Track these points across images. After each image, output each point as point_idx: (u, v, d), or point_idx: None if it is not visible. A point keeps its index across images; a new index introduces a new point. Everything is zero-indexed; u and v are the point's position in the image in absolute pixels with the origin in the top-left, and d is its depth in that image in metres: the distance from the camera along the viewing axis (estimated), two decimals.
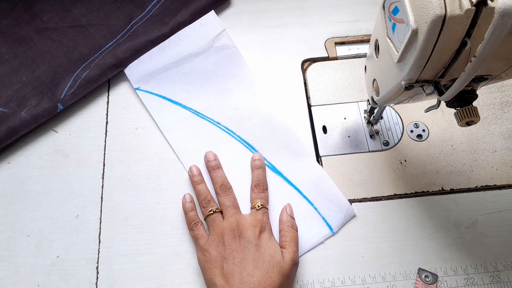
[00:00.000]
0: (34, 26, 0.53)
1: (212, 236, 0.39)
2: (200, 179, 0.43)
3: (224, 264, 0.36)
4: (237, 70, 0.50)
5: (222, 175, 0.43)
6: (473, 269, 0.39)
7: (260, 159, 0.44)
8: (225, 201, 0.41)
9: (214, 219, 0.40)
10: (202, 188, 0.42)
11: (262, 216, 0.39)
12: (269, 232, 0.39)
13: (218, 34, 0.50)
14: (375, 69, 0.35)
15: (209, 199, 0.41)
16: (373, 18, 0.34)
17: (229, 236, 0.38)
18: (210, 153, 0.45)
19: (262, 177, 0.43)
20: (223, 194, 0.41)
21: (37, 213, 0.43)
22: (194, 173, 0.44)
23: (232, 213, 0.40)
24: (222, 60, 0.50)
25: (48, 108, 0.47)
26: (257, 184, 0.42)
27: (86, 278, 0.40)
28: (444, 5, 0.22)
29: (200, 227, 0.40)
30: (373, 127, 0.46)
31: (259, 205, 0.40)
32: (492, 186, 0.44)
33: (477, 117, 0.29)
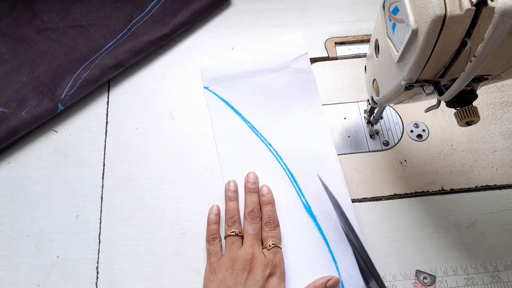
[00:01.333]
0: (34, 26, 0.53)
1: (225, 259, 0.38)
2: (234, 196, 0.42)
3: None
4: (306, 96, 0.48)
5: (256, 200, 0.42)
6: (473, 269, 0.39)
7: (269, 193, 0.42)
8: (249, 229, 0.39)
9: (233, 242, 0.39)
10: (233, 206, 0.42)
11: (274, 257, 0.38)
12: (279, 277, 0.37)
13: (299, 56, 0.49)
14: (375, 69, 0.35)
15: (235, 220, 0.41)
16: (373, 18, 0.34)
17: (240, 266, 0.37)
18: (252, 174, 0.43)
19: (272, 213, 0.41)
20: (250, 221, 0.40)
21: (37, 213, 0.43)
22: (230, 188, 0.43)
23: (251, 243, 0.38)
24: (295, 82, 0.48)
25: (48, 108, 0.47)
26: (267, 221, 0.40)
27: (86, 278, 0.40)
28: (444, 5, 0.22)
29: (217, 243, 0.40)
30: (373, 127, 0.46)
31: (271, 244, 0.38)
32: (492, 186, 0.44)
33: (477, 117, 0.29)
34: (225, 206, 0.42)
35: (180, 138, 0.47)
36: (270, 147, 0.46)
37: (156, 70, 0.52)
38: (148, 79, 0.51)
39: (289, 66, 0.49)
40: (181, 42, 0.54)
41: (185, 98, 0.50)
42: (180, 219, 0.43)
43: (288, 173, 0.44)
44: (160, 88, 0.50)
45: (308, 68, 0.49)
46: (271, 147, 0.46)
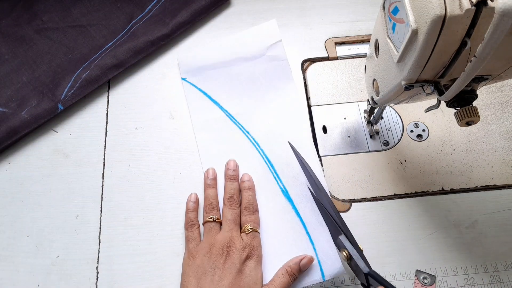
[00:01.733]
0: (34, 26, 0.53)
1: (203, 244, 0.39)
2: (213, 183, 0.43)
3: (202, 277, 0.36)
4: (282, 83, 0.49)
5: (236, 187, 0.42)
6: (473, 269, 0.39)
7: (249, 180, 0.43)
8: (228, 214, 0.40)
9: (211, 228, 0.39)
10: (211, 193, 0.42)
11: (251, 240, 0.38)
12: (256, 260, 0.38)
13: (274, 43, 0.50)
14: (375, 69, 0.35)
15: (213, 206, 0.41)
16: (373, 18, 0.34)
17: (218, 250, 0.37)
18: (232, 162, 0.44)
19: (251, 198, 0.42)
20: (229, 206, 0.41)
21: (37, 213, 0.43)
22: (209, 176, 0.43)
23: (229, 228, 0.39)
24: (271, 70, 0.49)
25: (48, 108, 0.47)
26: (247, 206, 0.41)
27: (86, 278, 0.40)
28: (444, 5, 0.22)
29: (195, 230, 0.40)
30: (373, 127, 0.46)
31: (249, 228, 0.39)
32: (492, 186, 0.44)
33: (477, 117, 0.29)
34: (204, 194, 0.43)
35: (180, 138, 0.47)
36: (248, 135, 0.47)
37: (156, 70, 0.52)
38: (148, 79, 0.51)
39: (264, 54, 0.50)
40: (181, 42, 0.54)
41: (185, 98, 0.50)
42: (180, 219, 0.43)
43: (266, 160, 0.45)
44: (160, 88, 0.50)
45: (283, 55, 0.49)
46: (249, 135, 0.47)
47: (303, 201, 0.42)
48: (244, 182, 0.43)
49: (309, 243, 0.40)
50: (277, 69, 0.49)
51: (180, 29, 0.52)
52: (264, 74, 0.49)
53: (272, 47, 0.50)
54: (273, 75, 0.49)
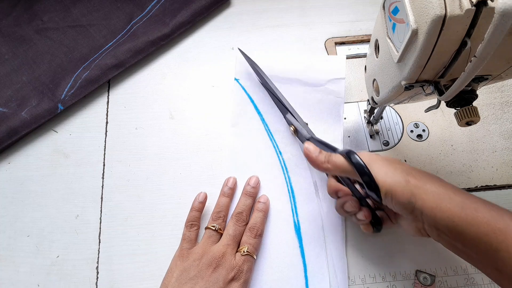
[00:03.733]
0: (34, 26, 0.53)
1: (197, 249, 0.38)
2: (229, 193, 0.42)
3: (183, 281, 0.36)
4: (331, 119, 0.47)
5: (249, 204, 0.41)
6: (473, 269, 0.39)
7: (265, 202, 0.42)
8: (230, 229, 0.39)
9: (210, 236, 0.39)
10: (223, 202, 0.41)
11: (243, 263, 0.37)
12: (242, 284, 0.36)
13: (336, 79, 0.47)
14: (375, 69, 0.35)
15: (221, 216, 0.40)
16: (373, 18, 0.34)
17: (207, 261, 0.36)
18: (254, 178, 0.43)
19: (260, 220, 0.40)
20: (234, 221, 0.40)
21: (37, 213, 0.43)
22: (228, 184, 0.43)
23: (226, 243, 0.38)
24: (325, 102, 0.47)
25: (48, 108, 0.47)
26: (252, 227, 0.40)
27: (86, 278, 0.40)
28: (444, 5, 0.22)
29: (194, 230, 0.40)
30: (373, 127, 0.46)
31: (245, 250, 0.38)
32: (492, 186, 0.44)
33: (477, 117, 0.29)
34: (217, 200, 0.42)
35: (180, 138, 0.47)
36: (280, 156, 0.45)
37: (156, 70, 0.52)
38: (148, 79, 0.51)
39: (323, 85, 0.47)
40: (181, 42, 0.54)
41: (185, 98, 0.50)
42: (180, 219, 0.43)
43: (289, 187, 0.44)
44: (160, 88, 0.50)
45: (341, 93, 0.47)
46: (281, 156, 0.45)
47: (312, 243, 0.41)
48: (260, 203, 0.42)
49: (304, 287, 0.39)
50: (331, 104, 0.47)
51: (180, 29, 0.52)
52: (317, 104, 0.47)
53: (334, 81, 0.47)
54: (325, 108, 0.47)
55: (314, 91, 0.48)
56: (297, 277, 0.39)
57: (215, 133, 0.47)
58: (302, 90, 0.48)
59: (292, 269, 0.39)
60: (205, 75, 0.51)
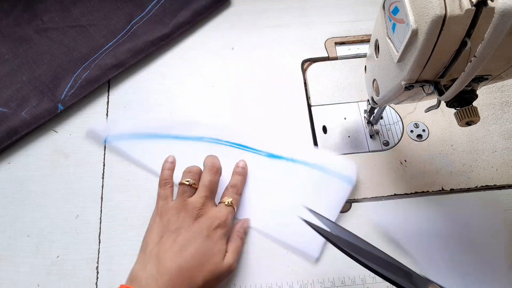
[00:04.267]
0: (34, 26, 0.53)
1: (173, 204, 0.37)
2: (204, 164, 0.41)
3: (164, 235, 0.35)
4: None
5: (217, 161, 0.41)
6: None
7: (244, 167, 0.43)
8: (205, 179, 0.38)
9: (185, 191, 0.38)
10: (194, 167, 0.40)
11: (227, 213, 0.38)
12: (224, 232, 0.37)
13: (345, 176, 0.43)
14: (375, 69, 0.35)
15: (193, 173, 0.39)
16: (373, 18, 0.34)
17: (187, 213, 0.36)
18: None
19: (240, 182, 0.42)
20: (208, 172, 0.39)
21: (37, 213, 0.43)
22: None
23: (204, 194, 0.38)
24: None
25: (48, 108, 0.47)
26: (233, 185, 0.41)
27: (86, 278, 0.40)
28: (444, 5, 0.22)
29: (168, 188, 0.40)
30: (373, 127, 0.46)
31: (229, 202, 0.38)
32: (492, 186, 0.44)
33: (477, 117, 0.29)
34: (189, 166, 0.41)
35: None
36: (202, 140, 0.46)
37: (156, 70, 0.52)
38: (148, 79, 0.51)
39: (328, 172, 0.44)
40: (181, 42, 0.54)
41: (185, 98, 0.50)
42: None
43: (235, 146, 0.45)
44: (160, 88, 0.50)
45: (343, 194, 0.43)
46: (205, 138, 0.46)
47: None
48: (238, 167, 0.43)
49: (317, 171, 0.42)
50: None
51: (180, 29, 0.52)
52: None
53: (341, 177, 0.43)
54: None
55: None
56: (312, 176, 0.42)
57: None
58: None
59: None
60: (205, 75, 0.51)
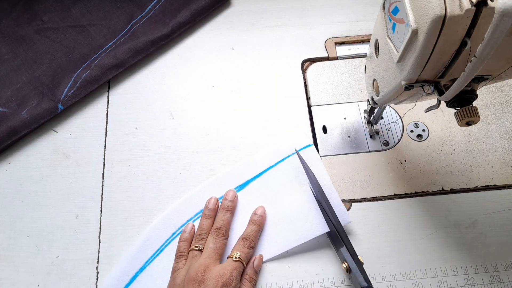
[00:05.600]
0: (34, 26, 0.53)
1: (182, 272, 0.37)
2: (210, 214, 0.41)
3: None
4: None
5: (227, 219, 0.41)
6: (473, 269, 0.39)
7: (262, 215, 0.41)
8: (210, 243, 0.38)
9: (194, 256, 0.38)
10: (205, 224, 0.40)
11: (233, 270, 0.36)
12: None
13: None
14: (375, 69, 0.35)
15: (204, 237, 0.39)
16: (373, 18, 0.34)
17: (190, 279, 0.35)
18: (231, 193, 0.42)
19: (254, 233, 0.40)
20: (214, 236, 0.39)
21: (37, 213, 0.43)
22: (209, 206, 0.42)
23: (206, 256, 0.37)
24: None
25: (48, 108, 0.47)
26: (246, 237, 0.39)
27: (86, 278, 0.40)
28: (444, 5, 0.22)
29: (182, 261, 0.39)
30: (373, 127, 0.46)
31: (237, 257, 0.37)
32: (492, 186, 0.44)
33: (477, 117, 0.29)
34: (199, 222, 0.41)
35: (180, 138, 0.47)
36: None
37: (156, 70, 0.52)
38: (148, 79, 0.51)
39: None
40: (181, 42, 0.54)
41: (185, 98, 0.50)
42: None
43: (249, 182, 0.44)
44: (160, 88, 0.50)
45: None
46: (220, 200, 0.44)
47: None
48: (256, 215, 0.41)
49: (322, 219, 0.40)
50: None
51: (180, 29, 0.52)
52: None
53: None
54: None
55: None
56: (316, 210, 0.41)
57: (215, 133, 0.47)
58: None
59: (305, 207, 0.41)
60: (205, 75, 0.51)
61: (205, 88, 0.50)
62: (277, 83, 0.50)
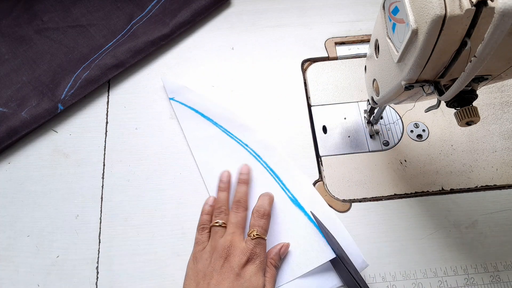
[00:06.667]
0: (34, 26, 0.53)
1: (207, 248, 0.38)
2: (225, 186, 0.42)
3: (200, 281, 0.36)
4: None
5: (244, 191, 0.42)
6: (473, 269, 0.39)
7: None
8: (232, 218, 0.40)
9: (216, 232, 0.39)
10: (221, 197, 0.42)
11: (254, 247, 0.37)
12: (258, 266, 0.37)
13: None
14: (375, 69, 0.35)
15: (222, 210, 0.41)
16: (373, 18, 0.34)
17: (217, 254, 0.37)
18: (245, 167, 0.44)
19: (264, 203, 0.41)
20: (234, 210, 0.40)
21: (37, 213, 0.43)
22: (222, 179, 0.43)
23: (231, 232, 0.38)
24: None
25: (48, 108, 0.47)
26: (257, 209, 0.40)
27: (86, 278, 0.40)
28: (444, 5, 0.22)
29: (205, 233, 0.40)
30: (373, 127, 0.46)
31: (255, 234, 0.38)
32: (492, 186, 0.44)
33: (477, 117, 0.29)
34: (216, 196, 0.43)
35: (180, 138, 0.47)
36: (247, 148, 0.46)
37: (156, 70, 0.52)
38: (148, 79, 0.51)
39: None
40: (181, 42, 0.54)
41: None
42: (180, 219, 0.43)
43: (270, 171, 0.45)
44: (160, 88, 0.50)
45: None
46: (248, 148, 0.46)
47: (311, 206, 0.42)
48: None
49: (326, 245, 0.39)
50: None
51: (180, 29, 0.52)
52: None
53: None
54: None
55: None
56: (317, 239, 0.40)
57: None
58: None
59: (309, 238, 0.40)
60: (205, 75, 0.51)
61: (205, 88, 0.50)
62: (277, 83, 0.50)
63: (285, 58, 0.52)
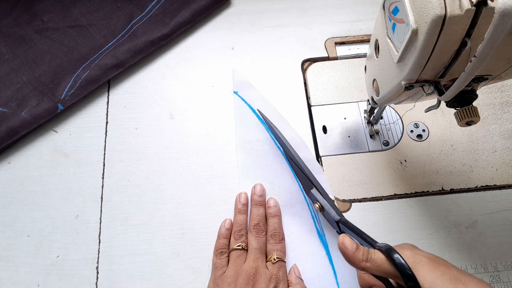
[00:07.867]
0: (34, 26, 0.53)
1: (229, 272, 0.38)
2: (243, 209, 0.42)
3: None
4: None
5: (262, 214, 0.41)
6: (473, 269, 0.39)
7: (275, 206, 0.42)
8: (254, 243, 0.39)
9: (238, 256, 0.39)
10: (241, 219, 0.41)
11: (278, 271, 0.38)
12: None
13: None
14: (375, 69, 0.35)
15: (242, 234, 0.40)
16: (373, 18, 0.34)
17: (243, 281, 0.36)
18: (259, 187, 0.43)
19: (277, 226, 0.41)
20: (255, 234, 0.40)
21: (37, 213, 0.43)
22: (241, 201, 0.42)
23: (255, 257, 0.38)
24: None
25: (48, 108, 0.47)
26: (273, 234, 0.40)
27: (86, 278, 0.40)
28: (444, 5, 0.22)
29: (224, 258, 0.40)
30: (373, 127, 0.46)
31: (275, 258, 0.38)
32: (492, 186, 0.44)
33: (477, 117, 0.29)
34: (234, 218, 0.42)
35: (180, 138, 0.47)
36: (289, 161, 0.45)
37: (156, 70, 0.52)
38: (148, 79, 0.51)
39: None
40: (181, 42, 0.54)
41: (185, 98, 0.50)
42: (180, 219, 0.43)
43: (304, 195, 0.43)
44: (160, 88, 0.50)
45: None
46: (291, 163, 0.45)
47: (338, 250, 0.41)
48: (270, 208, 0.42)
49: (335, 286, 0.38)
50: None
51: (180, 29, 0.52)
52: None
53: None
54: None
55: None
56: (329, 285, 0.39)
57: (215, 133, 0.47)
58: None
59: (322, 278, 0.39)
60: (205, 75, 0.51)
61: (205, 88, 0.50)
62: (277, 83, 0.50)
63: (285, 58, 0.52)
